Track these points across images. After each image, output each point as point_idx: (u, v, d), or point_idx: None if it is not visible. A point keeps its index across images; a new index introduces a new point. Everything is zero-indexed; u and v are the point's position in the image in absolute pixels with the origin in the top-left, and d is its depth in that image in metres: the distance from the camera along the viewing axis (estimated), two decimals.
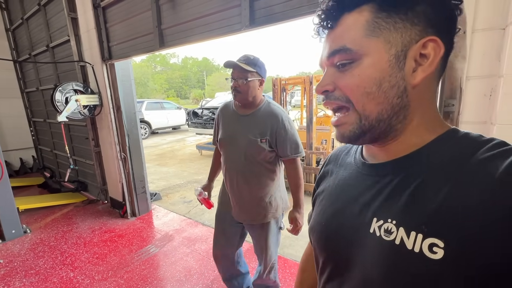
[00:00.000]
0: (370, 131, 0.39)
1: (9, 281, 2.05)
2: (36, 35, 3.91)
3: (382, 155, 0.42)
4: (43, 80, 4.07)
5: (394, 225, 0.35)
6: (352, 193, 0.44)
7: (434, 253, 0.31)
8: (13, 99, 4.74)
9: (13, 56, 4.60)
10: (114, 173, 3.09)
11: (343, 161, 0.51)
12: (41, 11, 3.50)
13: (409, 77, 0.36)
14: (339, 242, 0.43)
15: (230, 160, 1.37)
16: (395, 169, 0.39)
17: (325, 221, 0.48)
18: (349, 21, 0.37)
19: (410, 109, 0.37)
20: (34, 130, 4.87)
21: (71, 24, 2.94)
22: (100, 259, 2.30)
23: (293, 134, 1.30)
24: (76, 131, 3.69)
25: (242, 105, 1.34)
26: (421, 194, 0.34)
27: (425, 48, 0.35)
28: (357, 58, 0.37)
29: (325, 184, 0.53)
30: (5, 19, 4.51)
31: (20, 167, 4.89)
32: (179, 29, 1.98)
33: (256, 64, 1.25)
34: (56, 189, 3.97)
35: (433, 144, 0.37)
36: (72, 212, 3.26)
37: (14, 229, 2.67)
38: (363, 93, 0.37)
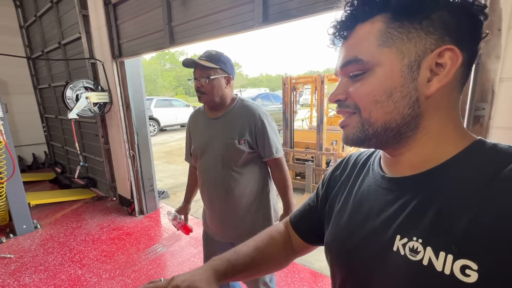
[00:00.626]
0: (376, 137, 0.39)
1: (19, 276, 2.07)
2: (48, 32, 3.95)
3: (400, 167, 0.40)
4: (55, 77, 4.12)
5: (420, 244, 0.33)
6: (372, 208, 0.42)
7: (467, 276, 0.28)
8: (26, 96, 4.83)
9: (26, 53, 4.68)
10: (123, 170, 3.09)
11: (361, 170, 0.49)
12: (54, 8, 3.52)
13: (422, 87, 0.35)
14: (360, 260, 0.41)
15: (206, 171, 1.21)
16: (418, 184, 0.37)
17: (344, 236, 0.45)
18: (362, 32, 0.37)
19: (423, 119, 0.36)
20: (46, 126, 4.95)
21: (82, 21, 2.94)
22: (108, 257, 2.30)
23: (275, 131, 1.19)
24: (86, 128, 3.71)
25: (210, 107, 1.21)
26: (449, 212, 0.32)
27: (441, 57, 0.34)
28: (369, 69, 0.37)
29: (340, 192, 0.50)
30: (19, 16, 4.58)
31: (33, 162, 4.99)
32: (189, 26, 1.94)
33: (219, 60, 1.12)
34: (67, 184, 4.02)
35: (458, 158, 0.35)
36: (82, 208, 3.29)
37: (25, 224, 2.71)
38: (372, 101, 0.37)
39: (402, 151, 0.39)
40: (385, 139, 0.39)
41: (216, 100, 1.14)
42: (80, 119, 3.53)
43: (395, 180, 0.40)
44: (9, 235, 2.62)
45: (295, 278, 2.00)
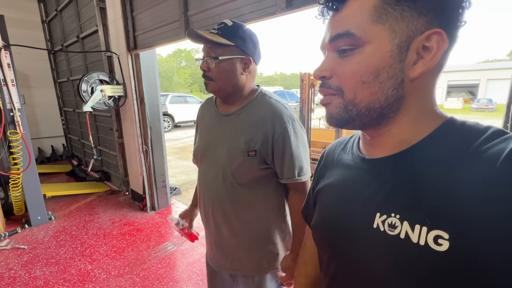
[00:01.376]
0: (359, 118, 0.39)
1: (30, 268, 2.06)
2: (68, 26, 3.99)
3: (379, 149, 0.41)
4: (74, 70, 4.17)
5: (398, 220, 0.35)
6: (353, 189, 0.43)
7: (439, 245, 0.30)
8: (47, 89, 4.94)
9: (47, 47, 4.78)
10: (136, 165, 3.06)
11: (340, 156, 0.50)
12: (73, 2, 3.54)
13: (408, 69, 0.35)
14: (343, 239, 0.43)
15: (205, 182, 0.94)
16: (395, 164, 0.38)
17: (327, 218, 0.47)
18: (356, 5, 0.36)
19: (404, 101, 0.37)
20: (65, 119, 5.05)
21: (100, 14, 2.92)
22: (118, 253, 2.26)
23: (303, 143, 0.87)
24: (101, 121, 3.73)
25: (221, 99, 0.93)
26: (423, 187, 0.34)
27: (428, 40, 0.34)
28: (359, 45, 0.36)
29: (324, 181, 0.52)
30: (42, 11, 4.68)
31: (51, 154, 5.11)
32: (206, 15, 1.83)
33: (235, 35, 0.81)
34: (82, 177, 4.07)
35: (432, 137, 0.36)
36: (95, 202, 3.30)
37: (40, 216, 2.73)
38: (358, 81, 0.37)
39: (382, 132, 0.40)
40: (368, 120, 0.39)
41: (227, 89, 0.85)
42: (95, 113, 3.54)
43: (373, 161, 0.42)
44: (24, 226, 2.65)
45: None
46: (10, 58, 2.35)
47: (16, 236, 2.51)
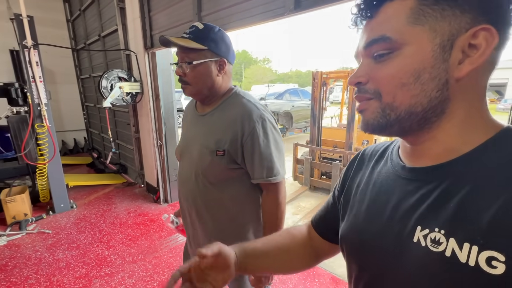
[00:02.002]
0: (398, 123, 0.36)
1: (54, 251, 2.24)
2: (90, 25, 4.20)
3: (421, 158, 0.38)
4: (95, 67, 4.38)
5: (442, 235, 0.32)
6: (391, 198, 0.40)
7: (493, 267, 0.27)
8: (70, 85, 5.23)
9: (71, 45, 5.04)
10: (151, 159, 3.20)
11: (377, 163, 0.47)
12: (95, 2, 3.72)
13: (453, 69, 0.33)
14: (377, 251, 0.40)
15: (181, 181, 0.97)
16: (441, 174, 0.35)
17: (360, 227, 0.44)
18: (391, 10, 0.35)
19: (450, 103, 0.34)
20: (86, 113, 5.33)
21: (119, 14, 3.06)
22: (132, 241, 2.40)
23: (276, 144, 0.86)
24: (119, 116, 3.91)
25: (199, 101, 0.95)
26: (474, 202, 0.31)
27: (475, 38, 0.32)
28: (396, 48, 0.34)
29: (356, 188, 0.49)
30: (67, 11, 4.94)
31: (74, 146, 5.41)
32: (219, 16, 1.89)
33: (207, 38, 0.82)
34: (101, 169, 4.29)
35: (485, 147, 0.33)
36: (112, 193, 3.48)
37: (63, 203, 2.93)
38: (397, 84, 0.35)
39: (424, 139, 0.37)
40: (408, 125, 0.36)
41: (204, 92, 0.87)
42: (114, 108, 3.72)
43: (416, 170, 0.38)
44: (49, 212, 2.86)
45: (314, 282, 1.91)
46: (38, 56, 2.53)
47: (41, 221, 2.72)
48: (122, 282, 1.89)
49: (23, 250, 2.25)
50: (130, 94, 2.98)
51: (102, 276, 1.96)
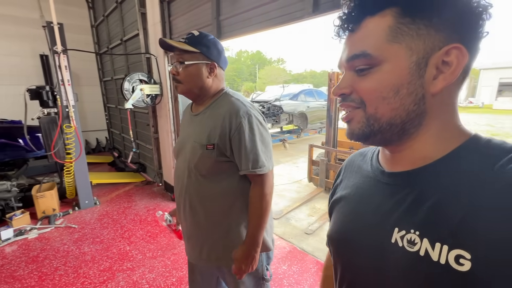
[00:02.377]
0: (381, 133, 0.39)
1: (80, 245, 2.37)
2: (113, 30, 4.39)
3: (399, 164, 0.41)
4: (117, 70, 4.58)
5: (417, 236, 0.35)
6: (371, 202, 0.43)
7: (460, 265, 0.30)
8: (94, 87, 5.49)
9: (95, 49, 5.29)
10: (169, 159, 3.30)
11: (359, 168, 0.50)
12: (118, 8, 3.89)
13: (429, 84, 0.35)
14: (359, 252, 0.43)
15: (176, 177, 1.04)
16: (416, 179, 0.38)
17: (343, 229, 0.47)
18: (371, 26, 0.37)
19: (427, 116, 0.37)
20: (108, 114, 5.57)
21: (141, 19, 3.18)
22: (152, 238, 2.49)
23: (262, 138, 0.92)
24: (139, 117, 4.06)
25: (191, 99, 1.03)
26: (445, 205, 0.33)
27: (448, 55, 0.34)
28: (376, 64, 0.37)
29: (342, 191, 0.52)
30: (91, 17, 5.19)
31: (96, 146, 5.67)
32: (237, 20, 1.94)
33: (200, 43, 0.91)
34: (121, 168, 4.47)
35: (455, 154, 0.36)
36: (132, 191, 3.62)
37: (87, 200, 3.09)
38: (378, 97, 0.37)
39: (403, 148, 0.40)
40: (389, 136, 0.39)
41: (194, 91, 0.95)
42: (134, 109, 3.86)
43: (393, 175, 0.41)
44: (75, 208, 3.02)
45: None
46: (67, 61, 2.69)
47: (68, 216, 2.89)
48: (143, 277, 1.98)
49: (52, 243, 2.39)
50: (150, 96, 3.10)
51: (124, 270, 2.05)
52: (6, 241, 2.37)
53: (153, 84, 3.11)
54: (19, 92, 4.51)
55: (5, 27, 4.35)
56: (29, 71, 4.67)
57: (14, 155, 3.33)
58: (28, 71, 4.66)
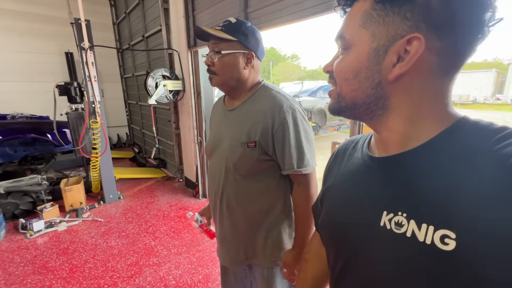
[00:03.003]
0: (348, 110, 0.42)
1: (107, 238, 2.41)
2: (134, 26, 4.43)
3: (387, 147, 0.42)
4: (138, 67, 4.63)
5: (405, 218, 0.35)
6: (360, 187, 0.44)
7: (446, 244, 0.30)
8: (115, 83, 5.60)
9: (116, 46, 5.38)
10: (190, 155, 3.30)
11: (350, 154, 0.51)
12: (140, 4, 3.91)
13: (386, 71, 0.37)
14: (349, 237, 0.44)
15: (211, 174, 0.98)
16: (403, 163, 0.39)
17: (334, 216, 0.49)
18: (355, 9, 0.39)
19: (389, 100, 0.38)
20: (129, 110, 5.67)
21: (163, 14, 3.18)
22: (176, 233, 2.49)
23: (300, 136, 0.84)
24: (160, 113, 4.09)
25: (225, 93, 0.96)
26: (430, 186, 0.34)
27: (409, 44, 0.35)
28: (348, 47, 0.40)
29: (333, 179, 0.53)
30: (113, 15, 5.28)
31: (117, 141, 5.80)
32: (266, 11, 1.86)
33: (238, 30, 0.83)
34: (142, 163, 4.54)
35: (442, 136, 0.36)
36: (154, 186, 3.66)
37: (112, 194, 3.15)
38: (342, 78, 0.41)
39: (381, 129, 0.42)
40: (357, 113, 0.41)
41: (230, 83, 0.88)
42: (155, 105, 3.89)
43: (381, 159, 0.42)
44: (100, 202, 3.09)
45: None
46: (93, 57, 2.73)
47: (94, 210, 2.95)
48: (169, 272, 1.97)
49: (80, 236, 2.45)
50: (173, 91, 3.09)
51: (151, 265, 2.06)
52: (38, 232, 2.45)
53: (175, 79, 3.11)
54: (46, 88, 4.70)
55: (33, 26, 4.50)
56: (55, 68, 4.82)
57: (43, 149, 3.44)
58: (54, 68, 4.81)
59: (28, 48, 4.53)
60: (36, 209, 2.71)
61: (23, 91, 4.59)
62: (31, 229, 2.43)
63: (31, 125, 3.40)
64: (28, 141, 3.29)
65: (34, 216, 2.70)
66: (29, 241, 2.36)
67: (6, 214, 2.62)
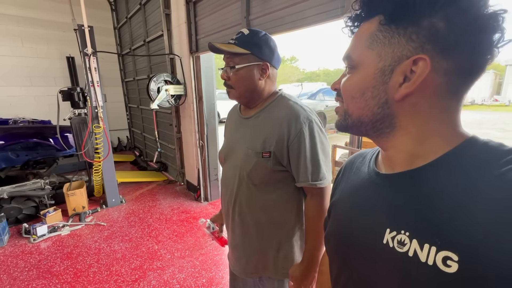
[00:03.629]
0: (355, 127, 0.43)
1: (110, 242, 2.43)
2: (136, 31, 4.47)
3: (392, 165, 0.42)
4: (139, 71, 4.66)
5: (407, 237, 0.35)
6: (366, 203, 0.44)
7: (448, 266, 0.30)
8: (115, 87, 5.63)
9: (117, 51, 5.42)
10: (192, 158, 3.33)
11: (358, 169, 0.52)
12: (141, 9, 3.95)
13: (392, 90, 0.37)
14: (353, 252, 0.44)
15: (225, 183, 0.98)
16: (409, 181, 0.39)
17: (339, 230, 0.49)
18: (361, 31, 0.40)
19: (397, 119, 0.39)
20: (129, 114, 5.69)
21: (165, 20, 3.21)
22: (179, 237, 2.51)
23: (316, 149, 0.82)
24: (162, 117, 4.11)
25: (243, 104, 0.97)
26: (435, 207, 0.34)
27: (415, 65, 0.35)
28: (355, 67, 0.41)
29: (340, 193, 0.53)
30: (114, 19, 5.32)
31: (117, 145, 5.82)
32: (268, 19, 1.90)
33: (251, 42, 0.83)
34: (143, 167, 4.56)
35: (449, 156, 0.36)
36: (155, 190, 3.68)
37: (114, 198, 3.16)
38: (349, 96, 0.42)
39: (387, 147, 0.42)
40: (364, 130, 0.42)
41: (246, 95, 0.89)
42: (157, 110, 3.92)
43: (387, 176, 0.43)
44: (102, 206, 3.11)
45: None
46: (96, 62, 2.76)
47: (97, 214, 2.97)
48: (173, 276, 1.99)
49: (84, 240, 2.47)
50: (175, 96, 3.12)
51: (154, 269, 2.08)
52: (41, 237, 2.46)
53: (177, 84, 3.14)
54: (48, 93, 4.73)
55: (34, 31, 4.53)
56: (57, 72, 4.84)
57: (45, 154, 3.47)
58: (55, 72, 4.83)
59: (29, 52, 4.55)
60: (39, 214, 2.73)
61: (24, 95, 4.61)
62: (35, 233, 2.45)
63: (33, 130, 3.42)
64: (30, 145, 3.32)
65: (37, 220, 2.71)
66: (32, 245, 2.38)
67: (10, 219, 2.64)
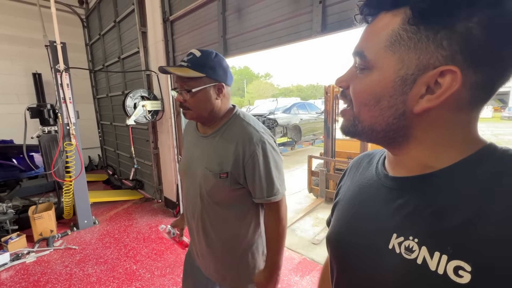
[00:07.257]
0: (364, 134, 0.39)
1: (83, 266, 2.28)
2: (109, 48, 4.42)
3: (403, 168, 0.40)
4: (112, 87, 4.57)
5: (416, 243, 0.33)
6: (372, 205, 0.42)
7: (460, 276, 0.29)
8: (87, 104, 5.42)
9: (89, 67, 5.28)
10: (170, 174, 3.28)
11: (364, 169, 0.50)
12: (116, 27, 3.95)
13: (412, 102, 0.34)
14: (355, 255, 0.42)
15: (186, 199, 1.01)
16: (421, 185, 0.36)
17: (342, 230, 0.47)
18: (381, 23, 0.35)
19: (412, 130, 0.36)
20: (101, 131, 5.48)
21: (141, 37, 3.25)
22: (158, 255, 2.43)
23: (269, 167, 0.88)
24: (137, 134, 4.03)
25: (201, 123, 0.99)
26: (448, 213, 0.32)
27: (442, 76, 0.31)
28: (369, 68, 0.36)
29: (344, 193, 0.51)
30: (86, 36, 5.22)
31: (88, 164, 5.52)
32: (244, 38, 2.04)
33: (205, 65, 0.84)
34: (118, 185, 4.37)
35: (464, 163, 0.34)
36: (132, 208, 3.54)
37: (86, 220, 2.99)
38: (362, 102, 0.37)
39: (400, 153, 0.39)
40: (374, 138, 0.39)
41: (204, 115, 0.91)
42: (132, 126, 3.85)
43: (397, 179, 0.40)
44: (73, 228, 2.92)
45: None
46: (69, 79, 2.69)
47: (67, 237, 2.77)
48: None
49: (53, 266, 2.29)
50: (152, 112, 3.11)
51: None
52: (2, 266, 2.24)
53: (154, 100, 3.14)
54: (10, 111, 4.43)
55: None
56: (21, 89, 4.58)
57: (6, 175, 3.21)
58: (19, 89, 4.57)
59: None
60: (0, 241, 2.49)
61: None
62: None
63: None
64: None
65: None
66: None
67: None
